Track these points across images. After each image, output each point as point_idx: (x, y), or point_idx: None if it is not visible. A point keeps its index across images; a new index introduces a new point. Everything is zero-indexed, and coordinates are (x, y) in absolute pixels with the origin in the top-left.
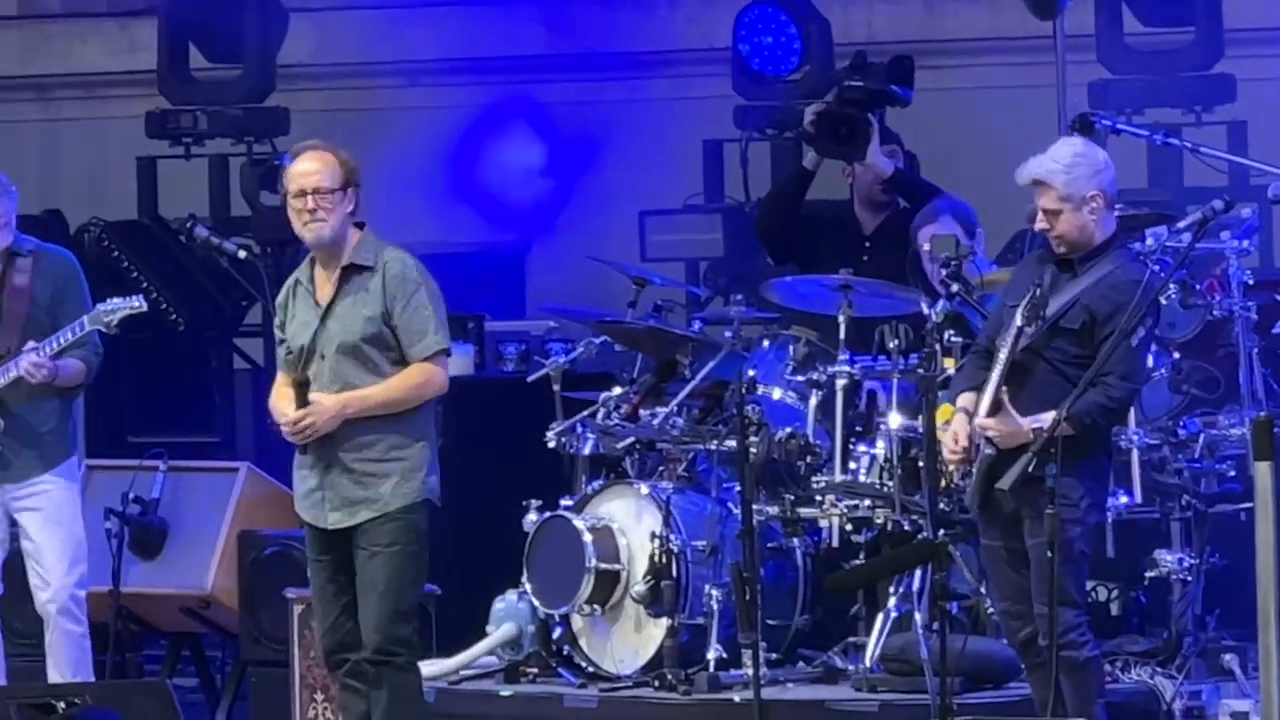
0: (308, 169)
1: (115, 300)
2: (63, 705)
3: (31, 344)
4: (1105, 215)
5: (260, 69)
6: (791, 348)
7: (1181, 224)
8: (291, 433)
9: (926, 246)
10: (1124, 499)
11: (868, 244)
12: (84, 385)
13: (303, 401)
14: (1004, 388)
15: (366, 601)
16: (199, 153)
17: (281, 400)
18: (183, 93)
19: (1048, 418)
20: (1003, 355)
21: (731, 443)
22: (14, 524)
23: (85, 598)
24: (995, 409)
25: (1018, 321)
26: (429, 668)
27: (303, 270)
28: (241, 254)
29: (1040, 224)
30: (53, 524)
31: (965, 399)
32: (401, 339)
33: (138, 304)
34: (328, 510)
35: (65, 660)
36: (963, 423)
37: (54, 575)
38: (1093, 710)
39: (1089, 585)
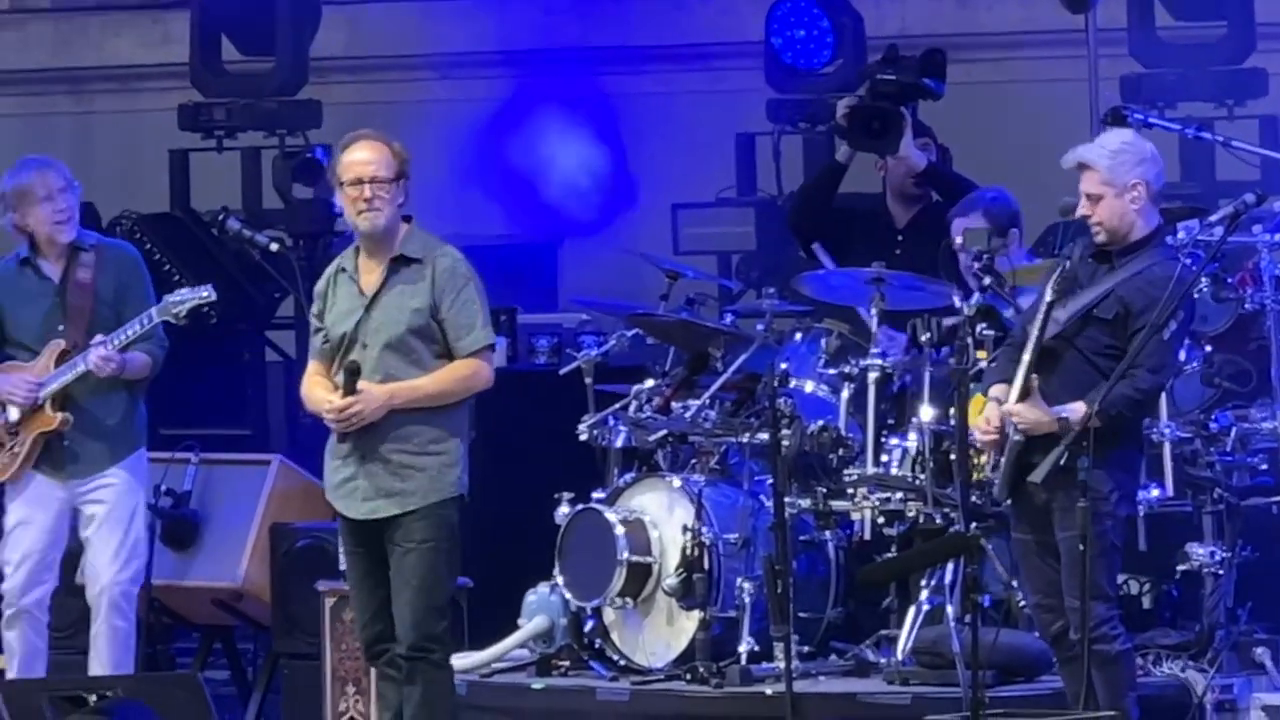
0: (365, 158)
1: (184, 291)
2: (94, 697)
3: (99, 337)
4: (1147, 208)
5: (293, 62)
6: (823, 341)
7: (1213, 217)
8: (336, 419)
9: (959, 240)
10: (1155, 492)
11: (900, 237)
12: (150, 378)
13: (351, 389)
14: (1034, 375)
15: (401, 598)
16: (231, 146)
17: (316, 388)
18: (215, 86)
19: (1074, 408)
20: (1032, 336)
21: (763, 435)
22: (75, 515)
23: (136, 595)
24: (1024, 395)
25: (1047, 297)
26: (461, 660)
27: (347, 258)
28: (274, 247)
29: (1082, 209)
30: (114, 519)
31: (998, 389)
32: (449, 333)
33: (206, 294)
34: (360, 500)
35: (108, 655)
36: (995, 409)
37: (108, 570)
38: (1124, 703)
39: (1120, 579)
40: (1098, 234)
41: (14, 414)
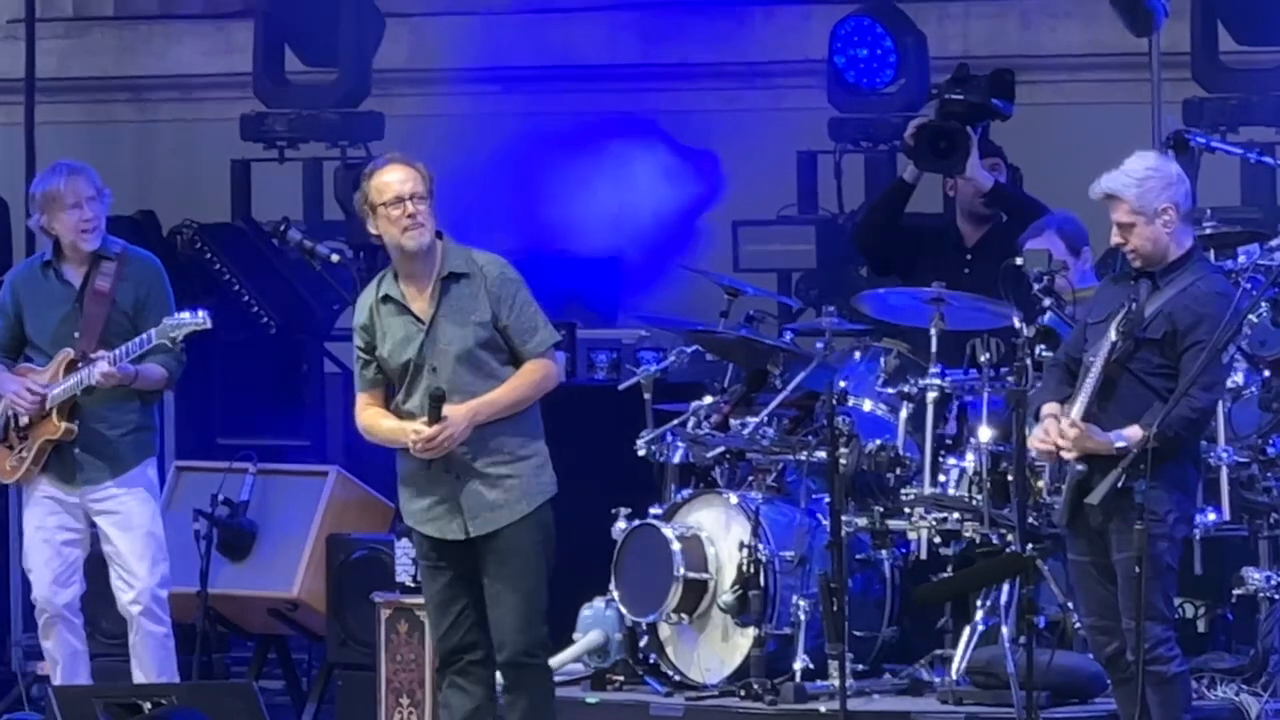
0: (401, 177)
1: (183, 315)
2: (149, 705)
3: (103, 352)
4: (1180, 228)
5: (355, 73)
6: (882, 360)
7: (1274, 242)
8: (426, 449)
9: (1018, 261)
10: (1212, 516)
11: (969, 257)
12: (164, 390)
13: (438, 415)
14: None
15: (504, 604)
16: (293, 156)
17: (381, 419)
18: (278, 96)
19: (1129, 435)
20: (1096, 369)
21: (821, 454)
22: (94, 525)
23: (168, 598)
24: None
25: (1112, 337)
26: None
27: (388, 286)
28: (334, 258)
29: (1115, 238)
30: (130, 528)
31: (1050, 408)
32: (514, 339)
33: (202, 321)
34: (466, 519)
35: (149, 661)
36: (1052, 423)
37: (135, 578)
38: None
39: (1176, 602)
40: (1134, 260)
41: (24, 418)
